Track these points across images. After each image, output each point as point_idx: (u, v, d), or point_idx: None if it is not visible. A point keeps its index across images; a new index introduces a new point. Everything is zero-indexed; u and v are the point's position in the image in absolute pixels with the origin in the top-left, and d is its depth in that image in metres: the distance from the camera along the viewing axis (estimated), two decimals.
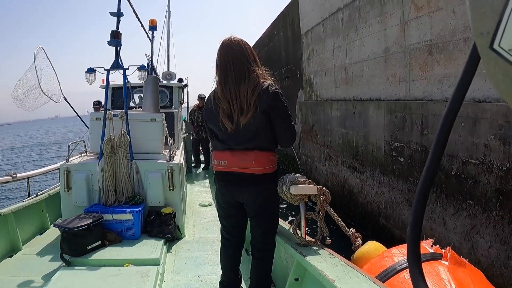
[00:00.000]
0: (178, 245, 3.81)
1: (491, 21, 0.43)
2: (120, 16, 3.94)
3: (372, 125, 5.44)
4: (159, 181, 3.86)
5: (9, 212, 3.62)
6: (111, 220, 3.54)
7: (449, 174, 3.74)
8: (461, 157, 3.57)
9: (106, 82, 4.05)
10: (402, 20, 4.56)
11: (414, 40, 4.35)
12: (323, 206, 2.25)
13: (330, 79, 7.23)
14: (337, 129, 6.88)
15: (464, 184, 3.55)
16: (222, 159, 2.16)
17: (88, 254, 3.16)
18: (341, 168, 6.75)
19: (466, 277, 1.71)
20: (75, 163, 3.92)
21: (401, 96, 4.71)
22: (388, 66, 4.99)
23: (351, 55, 6.18)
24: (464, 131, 3.50)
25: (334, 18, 6.79)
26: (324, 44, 7.44)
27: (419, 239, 0.65)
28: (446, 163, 3.76)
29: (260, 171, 2.10)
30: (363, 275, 1.76)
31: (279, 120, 2.09)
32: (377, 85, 5.33)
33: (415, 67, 4.35)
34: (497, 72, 0.44)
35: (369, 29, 5.44)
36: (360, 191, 5.92)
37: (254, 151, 2.08)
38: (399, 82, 4.73)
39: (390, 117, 4.89)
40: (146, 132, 4.07)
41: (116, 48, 3.89)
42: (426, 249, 1.97)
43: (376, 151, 5.32)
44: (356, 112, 5.97)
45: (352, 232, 2.37)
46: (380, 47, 5.16)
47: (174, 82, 7.23)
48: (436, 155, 0.60)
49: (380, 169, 5.23)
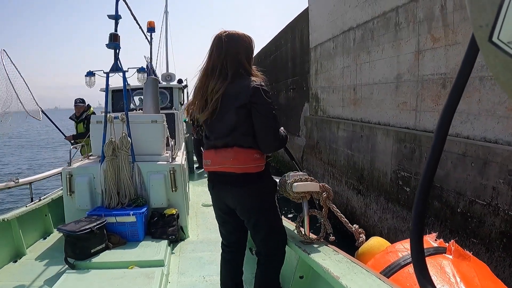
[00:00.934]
0: (182, 245, 3.81)
1: (490, 14, 0.43)
2: (118, 19, 3.93)
3: (379, 150, 5.35)
4: (162, 183, 3.86)
5: (12, 218, 3.63)
6: (114, 223, 3.54)
7: (455, 210, 3.71)
8: (468, 196, 3.54)
9: (106, 85, 4.05)
10: (417, 49, 4.48)
11: (428, 71, 4.28)
12: (326, 203, 2.25)
13: (338, 97, 7.17)
14: (343, 150, 6.79)
15: (469, 223, 3.52)
16: (207, 158, 2.06)
17: (92, 257, 3.17)
18: (345, 189, 6.65)
19: (471, 270, 1.71)
20: (77, 166, 3.93)
21: (410, 125, 4.66)
22: (399, 93, 4.93)
23: (361, 76, 6.09)
24: (473, 171, 3.47)
25: (346, 37, 6.72)
26: (334, 61, 7.36)
27: (422, 233, 0.65)
28: (453, 200, 3.74)
29: (241, 169, 1.93)
30: (367, 271, 1.76)
31: (258, 118, 1.91)
32: (386, 110, 5.27)
33: (427, 98, 4.29)
34: (497, 64, 0.44)
35: (382, 53, 5.37)
36: (363, 214, 5.83)
37: (234, 147, 1.94)
38: (410, 110, 4.67)
39: (398, 146, 4.81)
40: (147, 134, 4.07)
41: (115, 51, 3.89)
42: (429, 243, 1.97)
43: (382, 177, 5.24)
44: (364, 135, 5.86)
45: (355, 228, 2.37)
46: (392, 73, 5.08)
47: (174, 83, 7.24)
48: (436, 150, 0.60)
49: (385, 196, 5.15)
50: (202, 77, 2.01)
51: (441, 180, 3.88)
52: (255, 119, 1.91)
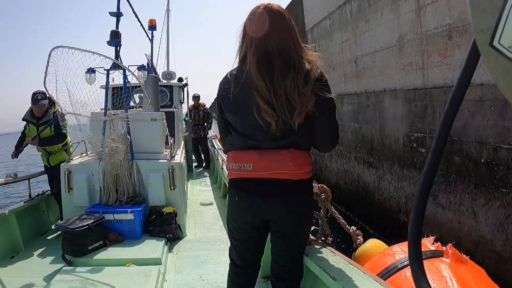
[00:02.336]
0: (179, 244, 3.81)
1: (491, 18, 0.43)
2: (120, 16, 3.94)
3: (388, 117, 5.18)
4: (160, 181, 3.86)
5: (10, 213, 3.63)
6: (112, 220, 3.54)
7: (478, 162, 3.51)
8: (491, 143, 3.33)
9: (106, 82, 4.05)
10: (417, 6, 4.37)
11: (431, 25, 4.16)
12: (324, 204, 2.25)
13: (339, 74, 7.05)
14: (349, 124, 6.64)
15: (495, 172, 3.30)
16: (245, 161, 1.61)
17: (89, 254, 3.17)
18: (355, 165, 6.46)
19: (468, 274, 1.71)
20: (76, 163, 3.92)
21: (418, 85, 4.49)
22: (403, 55, 4.81)
23: (362, 47, 5.99)
24: (493, 115, 3.26)
25: (342, 11, 6.63)
26: (332, 38, 7.29)
27: (420, 236, 0.65)
28: (474, 151, 3.54)
29: (297, 175, 1.59)
30: (364, 273, 1.76)
31: (324, 113, 1.55)
32: (391, 75, 5.11)
33: (434, 53, 4.16)
34: (497, 68, 0.44)
35: (381, 18, 5.25)
36: (377, 188, 5.61)
37: (290, 149, 1.58)
38: (416, 70, 4.52)
39: (408, 106, 4.64)
40: (146, 132, 4.07)
41: (116, 48, 3.90)
42: (427, 246, 1.98)
43: (394, 144, 5.06)
44: (370, 104, 5.72)
45: (353, 230, 2.37)
46: (394, 36, 4.97)
47: (174, 82, 7.23)
48: (436, 153, 0.60)
49: (399, 163, 4.96)
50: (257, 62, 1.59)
51: (459, 132, 3.69)
52: (320, 114, 1.55)
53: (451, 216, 3.91)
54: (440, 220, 4.07)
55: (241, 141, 1.65)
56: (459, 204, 3.80)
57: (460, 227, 3.76)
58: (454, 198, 3.87)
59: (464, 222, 3.73)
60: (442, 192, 4.05)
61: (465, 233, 3.70)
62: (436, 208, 4.14)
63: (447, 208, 3.98)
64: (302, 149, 1.61)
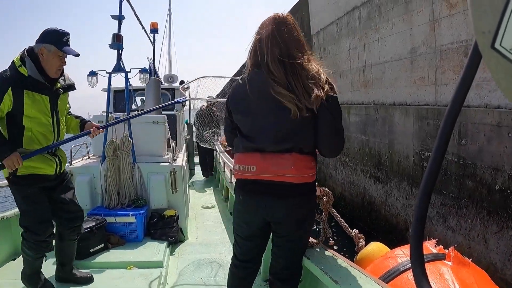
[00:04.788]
0: (181, 247, 3.80)
1: (492, 20, 0.43)
2: (122, 19, 3.94)
3: (398, 132, 5.03)
4: (162, 184, 3.86)
5: (12, 216, 3.63)
6: (114, 223, 3.54)
7: (492, 188, 3.42)
8: (507, 170, 3.25)
9: (108, 85, 4.06)
10: (432, 18, 4.24)
11: (446, 40, 4.03)
12: (326, 207, 2.25)
13: (346, 82, 6.91)
14: (356, 136, 6.48)
15: (510, 200, 3.23)
16: (249, 163, 1.69)
17: (91, 257, 3.16)
18: (361, 178, 6.32)
19: (470, 277, 1.70)
20: (78, 166, 3.93)
21: (430, 101, 4.36)
22: (414, 68, 4.66)
23: (371, 56, 5.83)
24: (511, 142, 3.18)
25: (350, 17, 6.47)
26: (339, 45, 7.14)
27: (422, 239, 0.64)
28: (489, 177, 3.44)
29: (299, 179, 1.64)
30: (366, 276, 1.75)
31: (329, 117, 1.59)
32: (401, 88, 4.98)
33: (448, 70, 4.03)
34: (499, 71, 0.44)
35: (392, 28, 5.10)
36: (384, 203, 5.48)
37: (292, 153, 1.63)
38: (429, 86, 4.38)
39: (420, 124, 4.50)
40: (148, 135, 4.07)
41: (118, 51, 3.91)
42: (429, 249, 1.97)
43: (404, 161, 4.92)
44: (379, 118, 5.57)
45: (355, 233, 2.36)
46: (406, 48, 4.82)
47: (176, 85, 7.25)
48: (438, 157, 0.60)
49: (408, 180, 4.84)
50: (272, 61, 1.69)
51: (474, 156, 3.59)
52: (324, 119, 1.60)
53: (461, 240, 3.80)
54: (450, 243, 3.90)
55: (246, 143, 1.72)
56: (469, 229, 3.69)
57: (470, 252, 3.66)
58: (465, 223, 3.77)
59: (474, 247, 3.63)
60: (452, 215, 3.94)
61: (474, 259, 3.55)
62: (446, 231, 4.04)
63: (457, 231, 3.87)
64: (305, 153, 1.66)
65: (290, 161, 1.62)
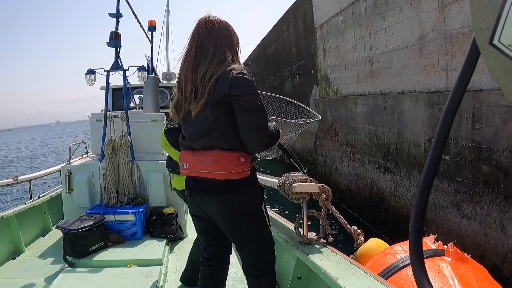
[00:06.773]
0: (180, 245, 3.80)
1: (490, 16, 0.43)
2: (119, 17, 3.93)
3: (408, 120, 4.91)
4: (161, 181, 3.86)
5: (11, 215, 3.63)
6: (113, 221, 3.54)
7: (509, 172, 3.30)
8: None
9: (106, 83, 4.05)
10: (441, 3, 4.13)
11: (456, 24, 3.92)
12: (325, 204, 2.25)
13: (352, 73, 6.78)
14: (363, 126, 6.34)
15: None
16: (184, 161, 1.79)
17: (90, 255, 3.16)
18: (369, 169, 6.19)
19: (469, 273, 1.71)
20: (77, 164, 3.92)
21: (441, 87, 4.24)
22: (424, 54, 4.55)
23: (377, 45, 5.71)
24: None
25: (355, 7, 6.36)
26: (344, 36, 7.01)
27: (421, 235, 0.65)
28: (505, 160, 3.32)
29: (222, 176, 1.66)
30: (365, 272, 1.76)
31: (241, 113, 1.62)
32: (410, 76, 4.87)
33: (459, 55, 3.93)
34: (497, 67, 0.44)
35: (399, 15, 4.98)
36: (393, 194, 5.36)
37: (214, 150, 1.67)
38: (439, 71, 4.28)
39: (431, 110, 4.38)
40: (147, 133, 4.07)
41: (115, 49, 3.89)
42: (428, 245, 1.98)
43: (414, 149, 4.81)
44: (388, 107, 5.44)
45: (354, 230, 2.37)
46: (414, 35, 4.71)
47: (174, 82, 7.23)
48: (438, 149, 0.60)
49: (419, 169, 4.71)
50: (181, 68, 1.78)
51: (489, 139, 3.50)
52: (237, 114, 1.63)
53: (477, 228, 3.73)
54: (464, 232, 3.89)
55: (182, 141, 1.83)
56: (486, 215, 3.61)
57: (486, 240, 3.58)
58: (480, 209, 3.69)
59: (491, 234, 3.55)
60: (467, 202, 3.87)
61: (491, 246, 3.54)
62: (460, 219, 3.97)
63: (473, 219, 3.79)
64: (228, 150, 1.67)
65: (211, 158, 1.66)
